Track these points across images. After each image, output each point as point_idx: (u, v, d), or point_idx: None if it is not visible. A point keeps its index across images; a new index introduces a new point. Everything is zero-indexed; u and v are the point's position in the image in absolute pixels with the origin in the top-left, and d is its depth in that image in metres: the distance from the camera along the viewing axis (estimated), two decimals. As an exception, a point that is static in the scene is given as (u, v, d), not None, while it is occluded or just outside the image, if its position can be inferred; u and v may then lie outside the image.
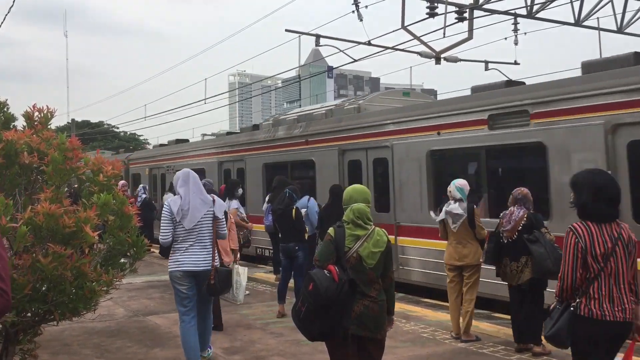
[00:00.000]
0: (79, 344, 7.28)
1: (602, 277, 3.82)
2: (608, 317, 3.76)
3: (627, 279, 3.87)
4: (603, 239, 3.84)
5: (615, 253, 3.84)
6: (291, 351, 6.84)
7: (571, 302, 3.89)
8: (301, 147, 13.42)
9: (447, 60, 14.24)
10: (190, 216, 5.98)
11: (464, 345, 6.96)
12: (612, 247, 3.83)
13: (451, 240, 7.35)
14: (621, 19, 14.11)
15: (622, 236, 3.88)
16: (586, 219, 3.94)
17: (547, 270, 6.35)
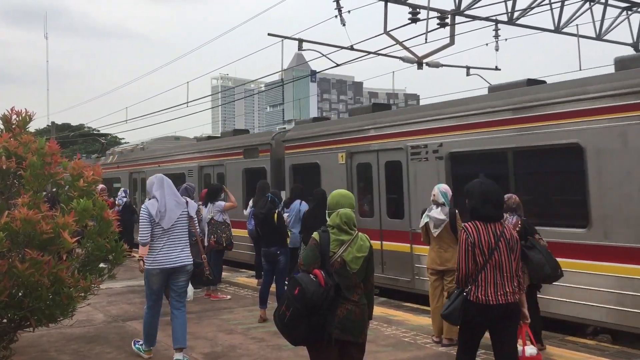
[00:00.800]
0: (56, 350, 7.18)
1: (488, 267, 4.58)
2: (491, 301, 4.54)
3: (511, 270, 4.61)
4: (488, 236, 4.62)
5: (499, 247, 4.61)
6: (273, 356, 6.81)
7: (464, 289, 4.66)
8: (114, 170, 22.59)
9: (429, 66, 14.32)
10: (168, 217, 6.46)
11: (445, 350, 6.98)
12: (495, 242, 4.60)
13: (433, 245, 7.39)
14: (600, 26, 14.32)
15: (504, 234, 4.67)
16: (475, 219, 4.73)
17: (546, 276, 6.55)
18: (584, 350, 6.96)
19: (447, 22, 12.64)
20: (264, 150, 14.37)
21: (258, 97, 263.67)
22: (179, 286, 6.67)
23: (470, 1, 12.57)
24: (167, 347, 7.16)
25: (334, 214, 4.63)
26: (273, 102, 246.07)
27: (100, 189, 10.84)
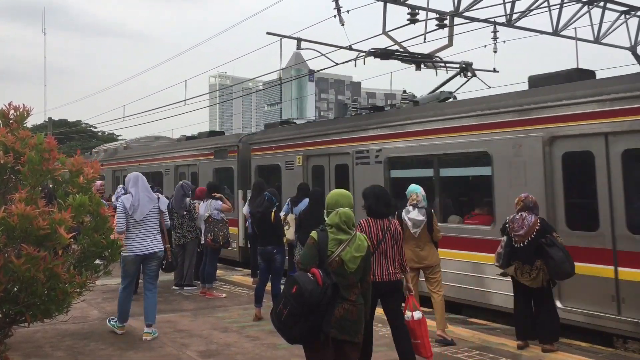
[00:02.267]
0: (51, 346, 7.18)
1: (376, 254, 5.75)
2: (377, 279, 5.72)
3: (394, 256, 5.87)
4: (377, 230, 5.85)
5: (385, 239, 5.84)
6: (267, 355, 6.82)
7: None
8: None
9: (427, 67, 14.33)
10: (140, 210, 7.56)
11: (439, 350, 7.00)
12: (382, 235, 5.84)
13: (410, 244, 7.52)
14: (598, 29, 14.36)
15: (390, 228, 5.91)
16: (369, 217, 5.95)
17: (567, 272, 6.78)
18: (577, 353, 6.99)
19: (445, 23, 12.65)
20: (232, 151, 15.45)
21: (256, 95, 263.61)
22: (151, 270, 7.79)
23: (469, 3, 12.59)
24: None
25: (333, 213, 4.64)
26: (271, 101, 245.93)
27: (99, 185, 10.82)
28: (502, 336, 7.75)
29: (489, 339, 7.54)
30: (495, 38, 14.95)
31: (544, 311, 7.02)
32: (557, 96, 8.33)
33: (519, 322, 7.20)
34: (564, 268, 6.72)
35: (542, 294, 6.99)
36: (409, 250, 7.57)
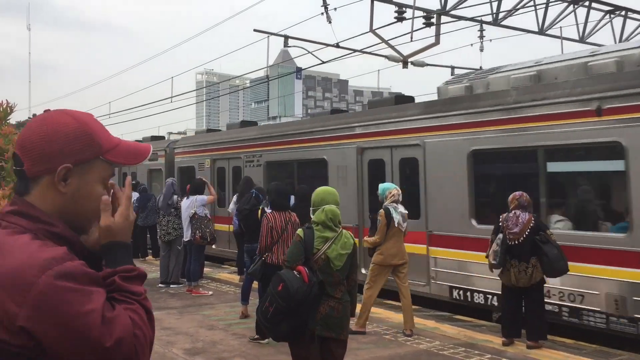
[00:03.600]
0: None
1: (279, 242, 6.85)
2: (278, 262, 6.56)
3: None
4: (281, 221, 6.95)
5: (287, 229, 6.89)
6: (253, 352, 6.81)
7: (264, 255, 6.95)
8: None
9: (414, 65, 14.38)
10: None
11: (425, 347, 7.04)
12: (285, 225, 6.92)
13: (395, 240, 7.65)
14: (583, 28, 14.48)
15: (290, 219, 7.01)
16: (273, 209, 7.11)
17: (562, 270, 6.85)
18: (561, 349, 7.05)
19: (432, 21, 12.69)
20: (161, 155, 18.13)
21: (243, 93, 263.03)
22: None
23: (456, 1, 12.64)
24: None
25: (319, 210, 4.64)
26: (258, 99, 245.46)
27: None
28: (488, 333, 7.81)
29: (474, 336, 7.59)
30: (481, 37, 15.04)
31: (533, 309, 7.04)
32: (366, 118, 11.43)
33: (506, 319, 7.25)
34: (559, 265, 6.77)
35: (533, 292, 7.02)
36: (395, 247, 7.65)
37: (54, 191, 1.52)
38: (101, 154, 1.58)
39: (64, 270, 1.36)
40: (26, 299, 1.31)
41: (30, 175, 1.53)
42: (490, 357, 6.63)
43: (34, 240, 1.42)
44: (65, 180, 1.52)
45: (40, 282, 1.32)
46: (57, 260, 1.37)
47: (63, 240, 1.48)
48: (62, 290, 1.34)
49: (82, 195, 1.55)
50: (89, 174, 1.56)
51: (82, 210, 1.56)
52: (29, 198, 1.53)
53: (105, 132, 1.62)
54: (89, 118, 1.61)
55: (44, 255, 1.36)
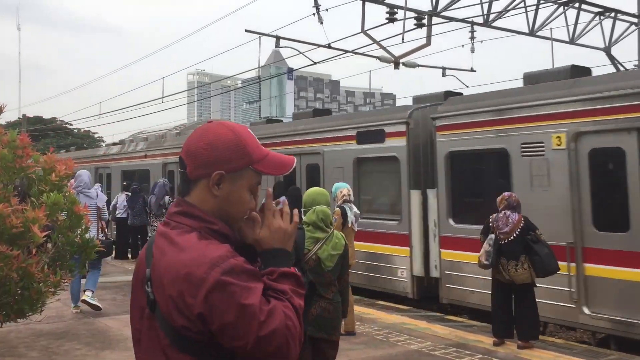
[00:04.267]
0: (25, 346, 7.07)
1: None
2: None
3: None
4: None
5: None
6: (245, 354, 6.80)
7: None
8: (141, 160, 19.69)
9: (405, 66, 14.40)
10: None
11: (417, 347, 7.05)
12: None
13: (350, 240, 7.67)
14: (573, 30, 14.55)
15: None
16: None
17: (553, 269, 6.88)
18: (552, 349, 7.09)
19: (424, 22, 12.72)
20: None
21: (234, 93, 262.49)
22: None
23: (447, 3, 12.67)
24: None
25: (310, 211, 4.64)
26: (249, 99, 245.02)
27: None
28: (479, 333, 7.83)
29: (465, 336, 7.61)
30: (472, 38, 15.08)
31: (525, 308, 7.07)
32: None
33: (496, 319, 7.28)
34: (550, 264, 6.82)
35: (523, 291, 7.05)
36: (350, 247, 7.69)
37: (209, 193, 1.75)
38: (251, 163, 1.78)
39: (228, 267, 1.58)
40: (199, 292, 1.55)
41: (191, 178, 1.77)
42: (481, 357, 6.65)
43: (201, 240, 1.65)
44: (218, 185, 1.74)
45: (210, 278, 1.55)
46: (222, 258, 1.59)
47: (222, 236, 1.72)
48: (228, 285, 1.56)
49: (232, 199, 1.76)
50: (239, 181, 1.77)
51: (231, 212, 1.77)
52: (189, 198, 1.77)
53: (256, 144, 1.81)
54: (244, 130, 1.82)
55: (212, 254, 1.60)
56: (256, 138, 1.83)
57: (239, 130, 1.80)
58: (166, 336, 1.63)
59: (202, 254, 1.60)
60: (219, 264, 1.57)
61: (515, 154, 8.56)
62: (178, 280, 1.58)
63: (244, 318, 1.55)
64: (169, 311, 1.60)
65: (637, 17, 15.28)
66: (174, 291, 1.58)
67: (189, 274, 1.57)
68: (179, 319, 1.58)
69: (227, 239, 1.72)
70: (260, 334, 1.55)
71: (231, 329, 1.56)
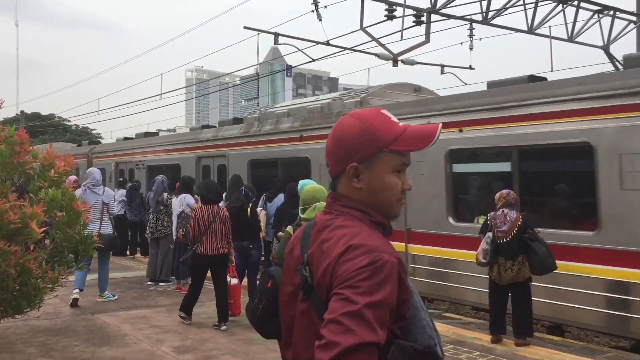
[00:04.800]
0: (23, 343, 7.07)
1: (207, 233, 7.70)
2: (208, 253, 7.72)
3: (222, 235, 7.78)
4: (207, 214, 7.79)
5: (215, 221, 7.76)
6: (243, 350, 6.80)
7: (194, 246, 7.78)
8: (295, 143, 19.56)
9: (404, 63, 14.40)
10: (87, 201, 8.95)
11: (415, 345, 7.05)
12: (213, 218, 7.77)
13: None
14: (572, 28, 14.56)
15: (219, 213, 7.85)
16: (202, 204, 8.06)
17: (550, 267, 6.88)
18: (549, 346, 7.10)
19: (422, 20, 12.72)
20: (84, 157, 22.86)
21: (233, 90, 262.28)
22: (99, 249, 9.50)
23: (446, 0, 12.67)
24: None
25: (310, 208, 4.62)
26: (248, 96, 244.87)
27: (73, 181, 10.74)
28: (477, 330, 7.84)
29: (463, 333, 7.62)
30: (471, 35, 15.07)
31: (520, 306, 7.08)
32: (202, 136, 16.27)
33: (493, 316, 7.29)
34: (548, 263, 6.81)
35: (520, 290, 7.06)
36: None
37: (352, 187, 1.73)
38: (384, 146, 1.70)
39: (400, 260, 1.61)
40: (359, 275, 1.53)
41: (333, 175, 1.78)
42: (479, 355, 6.67)
43: (363, 227, 1.66)
44: (357, 177, 1.72)
45: (385, 258, 1.56)
46: (394, 252, 1.62)
47: (381, 227, 1.73)
48: (398, 275, 1.58)
49: (375, 187, 1.72)
50: (377, 166, 1.71)
51: (380, 200, 1.73)
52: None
53: (387, 125, 1.73)
54: (373, 114, 1.75)
55: (389, 247, 1.62)
56: (391, 117, 1.76)
57: (366, 116, 1.74)
58: (320, 318, 1.59)
59: (384, 243, 1.62)
60: (396, 255, 1.60)
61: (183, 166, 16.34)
62: (340, 262, 1.58)
63: (403, 303, 1.61)
64: (326, 293, 1.61)
65: (636, 15, 15.28)
66: (333, 272, 1.59)
67: (351, 258, 1.56)
68: None
69: (384, 229, 1.73)
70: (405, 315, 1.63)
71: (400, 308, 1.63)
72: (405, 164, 1.75)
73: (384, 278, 1.54)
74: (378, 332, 1.48)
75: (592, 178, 7.56)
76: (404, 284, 1.62)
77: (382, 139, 1.70)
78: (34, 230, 4.54)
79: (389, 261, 1.56)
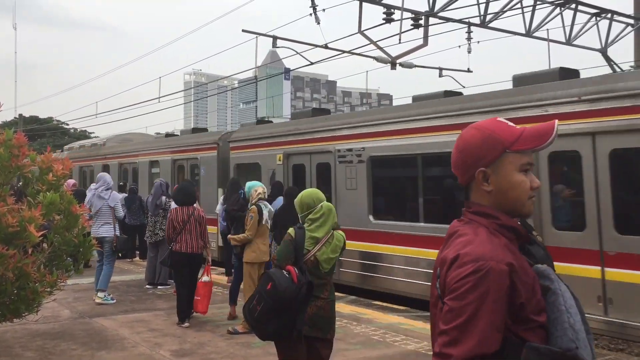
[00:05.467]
0: (21, 346, 7.05)
1: (183, 232, 8.13)
2: (183, 250, 8.12)
3: (197, 234, 8.23)
4: (183, 214, 8.23)
5: (190, 221, 8.19)
6: (241, 354, 6.79)
7: (170, 245, 8.29)
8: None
9: (402, 66, 14.39)
10: (94, 205, 9.97)
11: (413, 348, 7.05)
12: (187, 218, 8.20)
13: (263, 238, 7.94)
14: (570, 31, 14.58)
15: (194, 213, 8.27)
16: (177, 205, 8.52)
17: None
18: (548, 349, 7.09)
19: (420, 23, 12.72)
20: (210, 148, 20.98)
21: (231, 93, 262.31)
22: (105, 249, 9.85)
23: (444, 3, 12.68)
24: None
25: (319, 207, 4.65)
26: (246, 99, 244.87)
27: (71, 184, 10.76)
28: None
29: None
30: (469, 38, 15.09)
31: None
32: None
33: None
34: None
35: None
36: (263, 243, 7.95)
37: (482, 192, 1.88)
38: (507, 148, 1.84)
39: (512, 265, 1.77)
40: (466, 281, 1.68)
41: (463, 184, 1.94)
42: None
43: (490, 237, 1.81)
44: (487, 181, 1.87)
45: (491, 265, 1.68)
46: (506, 258, 1.76)
47: (507, 228, 1.88)
48: (510, 280, 1.73)
49: (504, 187, 1.86)
50: (503, 168, 1.85)
51: (511, 199, 1.88)
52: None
53: (506, 129, 1.87)
54: (490, 123, 1.91)
55: (499, 255, 1.74)
56: (505, 122, 1.90)
57: (483, 125, 1.90)
58: None
59: (494, 250, 1.75)
60: (505, 261, 1.73)
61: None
62: (450, 270, 1.72)
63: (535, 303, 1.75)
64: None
65: (633, 18, 15.31)
66: (445, 280, 1.74)
67: (458, 266, 1.70)
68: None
69: (514, 231, 1.90)
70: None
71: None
72: (530, 162, 1.88)
73: (489, 286, 1.65)
74: (487, 341, 1.61)
75: None
76: (521, 289, 1.75)
77: (504, 141, 1.84)
78: (32, 234, 4.53)
79: (495, 269, 1.68)
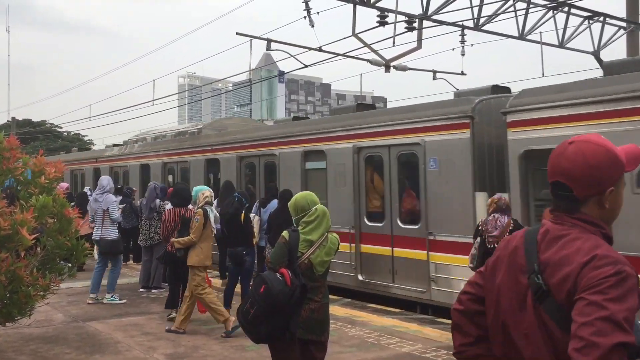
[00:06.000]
0: (14, 351, 7.01)
1: (174, 233, 8.20)
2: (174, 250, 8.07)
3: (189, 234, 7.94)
4: (175, 215, 8.39)
5: (182, 221, 8.28)
6: (236, 357, 6.78)
7: (168, 244, 8.34)
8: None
9: (396, 69, 14.41)
10: (91, 208, 10.53)
11: (408, 350, 7.05)
12: (180, 219, 8.31)
13: (208, 242, 8.08)
14: (562, 34, 14.64)
15: (185, 215, 8.35)
16: (173, 206, 8.80)
17: None
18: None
19: (414, 26, 12.74)
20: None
21: (225, 96, 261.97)
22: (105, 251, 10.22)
23: (438, 6, 12.72)
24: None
25: (314, 209, 4.64)
26: (241, 102, 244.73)
27: (65, 188, 10.71)
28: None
29: (456, 339, 7.61)
30: (463, 41, 15.13)
31: None
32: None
33: None
34: None
35: None
36: (210, 248, 8.12)
37: (599, 207, 1.96)
38: (624, 170, 1.99)
39: (637, 272, 1.78)
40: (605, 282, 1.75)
41: (580, 197, 1.96)
42: None
43: (602, 242, 1.88)
44: (607, 198, 1.96)
45: (627, 270, 1.76)
46: (631, 265, 1.81)
47: (608, 239, 1.93)
48: (625, 281, 1.75)
49: (617, 204, 2.00)
50: (620, 186, 1.99)
51: (615, 214, 2.01)
52: (579, 215, 1.97)
53: (620, 150, 2.00)
54: (609, 142, 1.99)
55: (627, 261, 1.81)
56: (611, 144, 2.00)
57: (607, 144, 1.98)
58: (555, 322, 1.83)
59: (612, 251, 1.83)
60: (629, 265, 1.79)
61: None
62: (586, 269, 1.77)
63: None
64: (566, 297, 1.80)
65: (626, 22, 15.40)
66: (577, 278, 1.78)
67: (597, 266, 1.77)
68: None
69: (610, 241, 1.94)
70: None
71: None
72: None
73: (629, 288, 1.74)
74: (630, 333, 1.69)
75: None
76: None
77: (624, 162, 1.98)
78: (25, 237, 4.51)
79: (632, 274, 1.77)
